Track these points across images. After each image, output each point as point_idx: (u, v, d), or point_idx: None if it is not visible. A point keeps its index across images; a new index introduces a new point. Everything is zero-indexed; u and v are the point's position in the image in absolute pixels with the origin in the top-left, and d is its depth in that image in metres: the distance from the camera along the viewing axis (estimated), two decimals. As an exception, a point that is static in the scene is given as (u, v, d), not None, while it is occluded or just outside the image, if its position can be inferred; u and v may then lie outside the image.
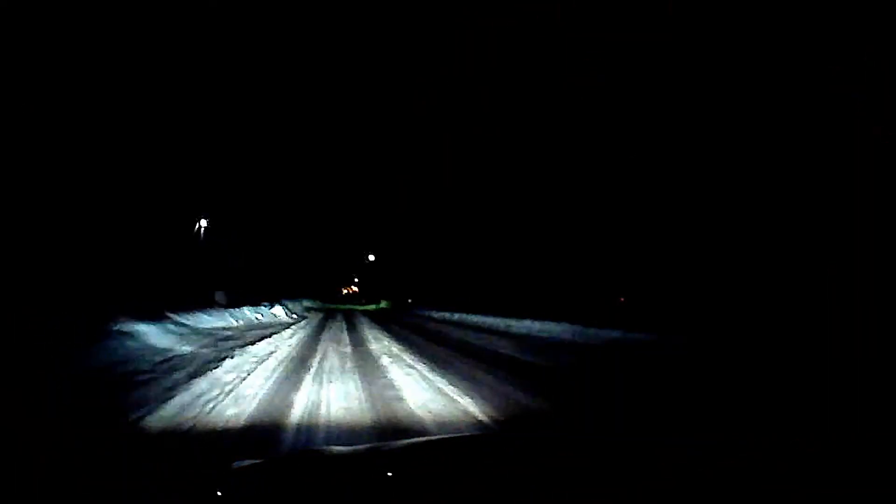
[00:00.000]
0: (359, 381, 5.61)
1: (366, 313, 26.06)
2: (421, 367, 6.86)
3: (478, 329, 14.66)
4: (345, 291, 66.90)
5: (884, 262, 7.69)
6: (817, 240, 9.01)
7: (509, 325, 14.32)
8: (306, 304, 24.70)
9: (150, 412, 3.90)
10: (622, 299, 20.18)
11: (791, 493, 0.94)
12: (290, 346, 9.55)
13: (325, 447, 2.57)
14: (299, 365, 6.87)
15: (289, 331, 13.08)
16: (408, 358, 7.81)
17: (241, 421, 3.86)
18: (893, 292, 7.43)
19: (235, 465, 1.17)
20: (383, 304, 41.85)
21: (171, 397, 4.39)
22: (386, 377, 5.96)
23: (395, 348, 9.31)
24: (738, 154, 10.48)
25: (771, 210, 10.05)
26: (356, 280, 67.11)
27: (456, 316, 18.81)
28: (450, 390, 5.16)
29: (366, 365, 6.97)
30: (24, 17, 11.32)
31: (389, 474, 1.13)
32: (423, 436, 3.34)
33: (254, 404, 4.40)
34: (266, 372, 6.16)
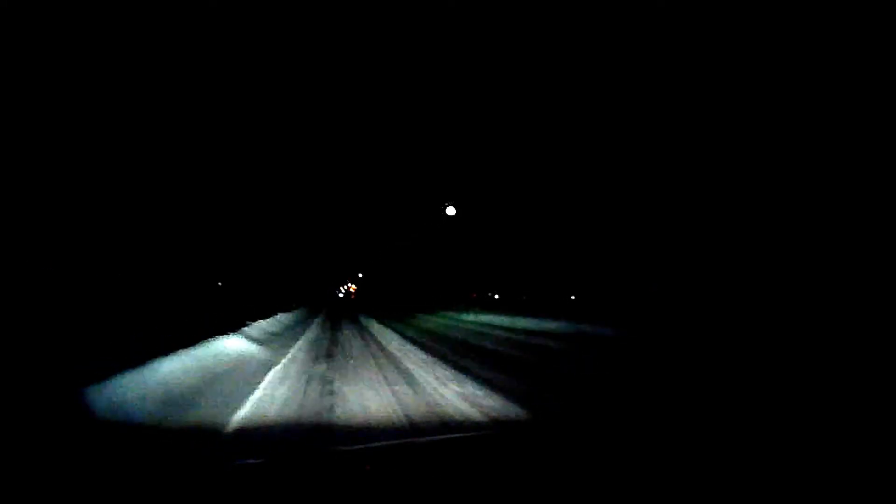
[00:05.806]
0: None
1: None
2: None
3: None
4: (341, 293, 66.10)
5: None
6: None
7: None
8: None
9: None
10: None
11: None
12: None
13: (325, 447, 2.56)
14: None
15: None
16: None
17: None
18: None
19: (235, 464, 1.16)
20: None
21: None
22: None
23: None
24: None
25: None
26: (350, 287, 66.94)
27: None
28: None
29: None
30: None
31: (389, 474, 1.13)
32: None
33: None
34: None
